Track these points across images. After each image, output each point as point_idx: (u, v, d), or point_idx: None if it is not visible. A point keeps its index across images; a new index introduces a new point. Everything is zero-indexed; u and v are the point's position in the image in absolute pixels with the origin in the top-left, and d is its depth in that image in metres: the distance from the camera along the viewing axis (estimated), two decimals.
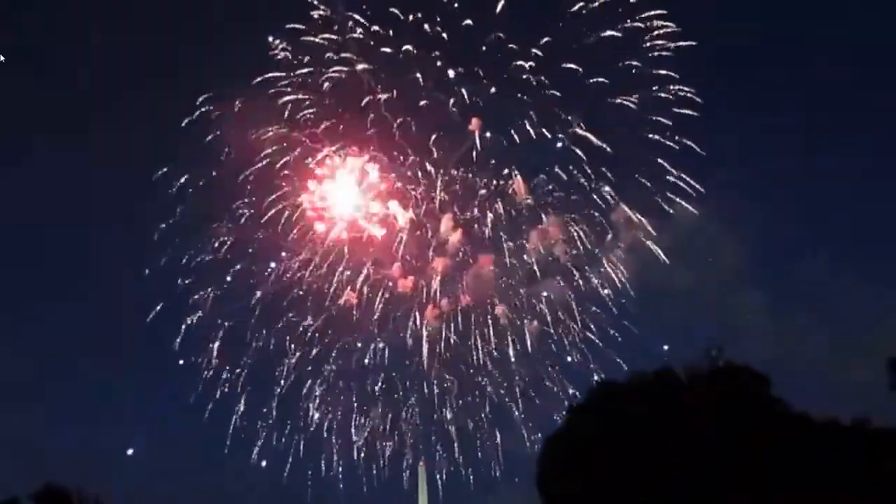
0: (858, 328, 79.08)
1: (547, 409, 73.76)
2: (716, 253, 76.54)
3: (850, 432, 50.32)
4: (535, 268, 76.67)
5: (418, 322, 75.25)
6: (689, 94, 71.59)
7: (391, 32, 72.51)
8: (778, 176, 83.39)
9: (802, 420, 56.48)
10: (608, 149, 73.33)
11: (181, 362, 75.90)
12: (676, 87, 71.72)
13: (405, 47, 72.49)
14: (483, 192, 75.82)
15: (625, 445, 53.30)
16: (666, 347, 58.89)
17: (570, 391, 75.21)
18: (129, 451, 77.40)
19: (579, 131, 73.06)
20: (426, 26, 72.26)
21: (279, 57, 72.75)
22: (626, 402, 57.52)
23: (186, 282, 74.86)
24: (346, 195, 74.95)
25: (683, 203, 73.56)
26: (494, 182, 75.78)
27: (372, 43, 72.69)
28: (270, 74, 72.46)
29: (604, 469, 53.99)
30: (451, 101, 73.60)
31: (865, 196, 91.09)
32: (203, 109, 72.83)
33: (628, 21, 71.81)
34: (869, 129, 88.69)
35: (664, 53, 71.58)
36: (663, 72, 71.72)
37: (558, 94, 73.04)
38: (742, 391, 55.44)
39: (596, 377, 73.87)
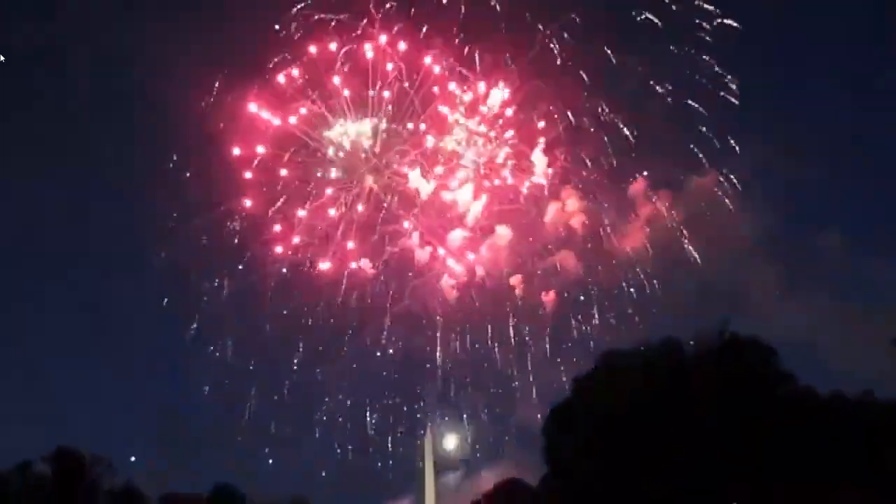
0: (870, 305, 78.58)
1: (561, 385, 73.70)
2: (731, 230, 75.76)
3: (850, 417, 50.59)
4: (553, 241, 76.66)
5: (435, 293, 75.59)
6: (726, 80, 69.90)
7: (412, 11, 70.52)
8: (792, 152, 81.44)
9: (808, 393, 57.14)
10: (633, 133, 71.98)
11: (193, 353, 75.46)
12: (711, 69, 69.93)
13: (425, 27, 70.69)
14: (504, 165, 75.21)
15: (627, 418, 54.09)
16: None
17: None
18: (132, 459, 77.59)
19: (602, 110, 71.91)
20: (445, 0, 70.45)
21: (296, 38, 71.06)
22: (630, 376, 58.14)
23: (198, 270, 73.91)
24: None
25: (703, 179, 72.93)
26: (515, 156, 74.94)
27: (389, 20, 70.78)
28: (283, 55, 70.80)
29: (607, 442, 54.95)
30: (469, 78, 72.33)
31: (879, 175, 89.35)
32: (214, 95, 71.32)
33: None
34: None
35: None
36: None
37: (584, 76, 71.47)
38: (747, 367, 55.83)
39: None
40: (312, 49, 70.52)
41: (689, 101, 70.23)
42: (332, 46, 70.35)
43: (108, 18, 76.30)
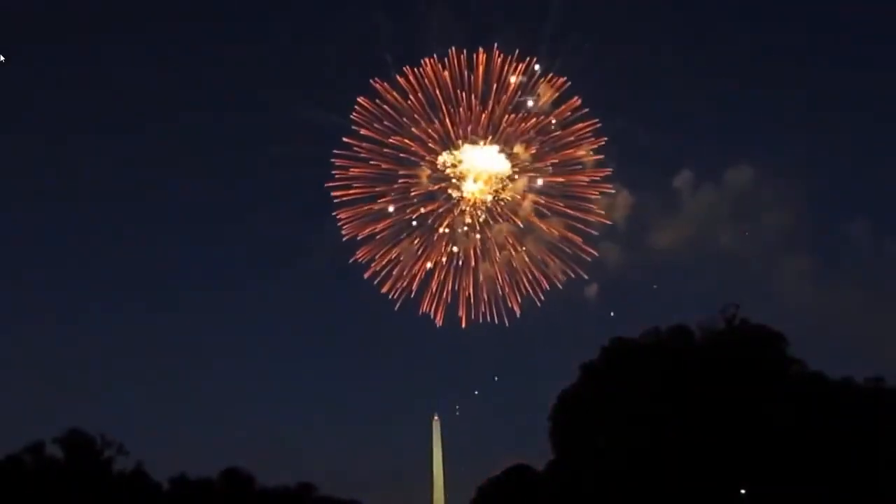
0: None
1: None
2: (766, 221, 76.66)
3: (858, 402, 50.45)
4: (596, 231, 78.09)
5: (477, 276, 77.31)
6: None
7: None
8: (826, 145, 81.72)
9: (816, 379, 57.01)
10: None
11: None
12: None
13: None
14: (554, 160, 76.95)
15: (633, 407, 54.11)
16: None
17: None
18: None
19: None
20: None
21: None
22: (637, 362, 58.13)
23: None
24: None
25: (740, 171, 73.95)
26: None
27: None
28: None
29: (612, 428, 55.00)
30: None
31: None
32: None
33: None
34: None
35: None
36: None
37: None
38: (753, 352, 55.77)
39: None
40: None
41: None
42: None
43: None
